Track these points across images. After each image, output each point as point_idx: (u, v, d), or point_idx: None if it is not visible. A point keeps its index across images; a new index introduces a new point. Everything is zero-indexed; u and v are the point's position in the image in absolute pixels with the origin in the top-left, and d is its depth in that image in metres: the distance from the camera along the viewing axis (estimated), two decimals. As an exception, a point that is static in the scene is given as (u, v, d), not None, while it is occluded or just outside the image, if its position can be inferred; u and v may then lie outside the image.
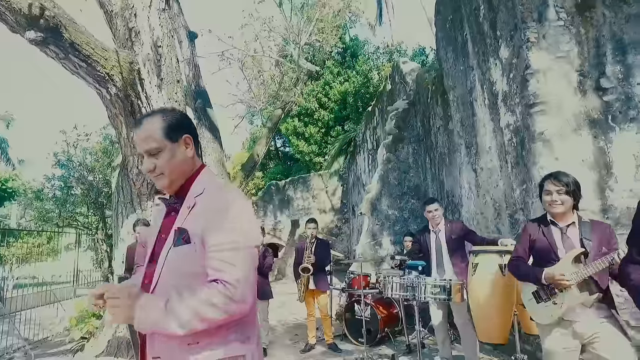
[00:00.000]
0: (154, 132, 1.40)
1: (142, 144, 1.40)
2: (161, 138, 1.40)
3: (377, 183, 7.53)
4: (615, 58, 4.20)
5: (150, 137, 1.39)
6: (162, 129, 1.41)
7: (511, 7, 4.20)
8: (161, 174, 1.40)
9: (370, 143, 11.87)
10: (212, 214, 1.34)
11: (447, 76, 5.87)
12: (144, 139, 1.40)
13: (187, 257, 1.33)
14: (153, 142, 1.39)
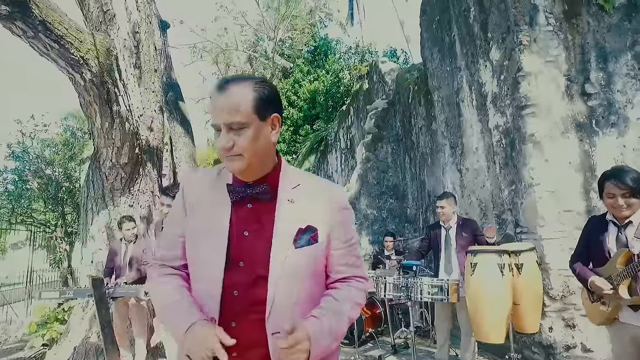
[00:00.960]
0: (242, 102, 1.12)
1: (224, 115, 1.11)
2: (249, 111, 1.12)
3: (356, 182, 7.49)
4: (598, 65, 4.34)
5: (236, 107, 1.11)
6: (252, 100, 1.13)
7: (504, 10, 4.25)
8: (239, 155, 1.12)
9: (344, 142, 11.84)
10: (336, 209, 1.22)
11: (432, 76, 5.90)
12: (227, 109, 1.11)
13: (311, 258, 1.17)
14: (238, 115, 1.11)
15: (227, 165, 1.17)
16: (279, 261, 1.12)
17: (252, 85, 1.14)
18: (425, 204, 6.55)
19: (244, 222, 1.17)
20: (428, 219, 6.41)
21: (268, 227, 1.16)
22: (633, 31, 4.52)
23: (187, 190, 1.27)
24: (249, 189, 1.17)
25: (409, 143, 7.22)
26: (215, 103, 1.13)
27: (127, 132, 4.86)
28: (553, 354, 3.94)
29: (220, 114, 1.11)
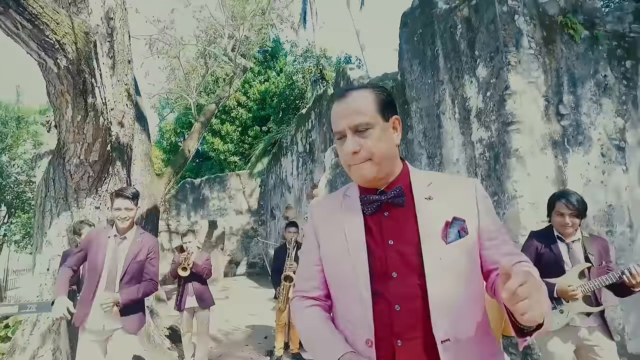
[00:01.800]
0: (365, 105, 1.13)
1: (347, 119, 1.12)
2: (373, 112, 1.13)
3: (325, 188, 7.50)
4: (569, 89, 4.76)
5: (359, 109, 1.12)
6: (374, 102, 1.15)
7: (493, 31, 4.50)
8: (368, 160, 1.11)
9: (301, 146, 11.80)
10: (479, 197, 1.17)
11: (411, 88, 6.08)
12: (352, 112, 1.12)
13: (467, 251, 1.11)
14: (362, 116, 1.11)
15: (355, 175, 1.14)
16: (434, 262, 1.07)
17: (371, 89, 1.17)
18: (396, 211, 6.72)
19: (386, 231, 1.13)
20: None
21: (412, 230, 1.11)
22: (595, 61, 5.01)
23: (316, 218, 1.28)
24: (382, 196, 1.14)
25: (378, 150, 7.37)
26: (337, 110, 1.15)
27: (100, 127, 4.46)
28: (530, 354, 4.21)
29: (345, 119, 1.12)
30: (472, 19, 4.79)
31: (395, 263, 1.09)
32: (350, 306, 1.12)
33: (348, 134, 1.12)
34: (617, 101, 5.08)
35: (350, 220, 1.17)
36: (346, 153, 1.12)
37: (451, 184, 1.20)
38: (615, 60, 5.18)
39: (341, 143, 1.14)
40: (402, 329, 1.06)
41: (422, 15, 5.70)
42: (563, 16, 4.89)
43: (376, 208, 1.15)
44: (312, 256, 1.24)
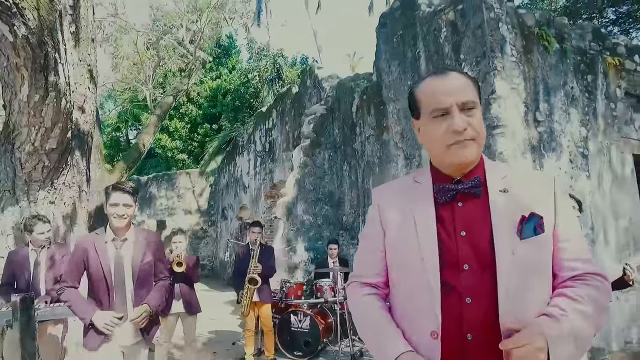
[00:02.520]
0: (468, 85, 1.10)
1: (454, 95, 1.06)
2: (475, 94, 1.10)
3: (293, 187, 7.28)
4: (544, 97, 4.96)
5: (466, 87, 1.09)
6: (474, 85, 1.12)
7: (480, 36, 4.58)
8: (472, 139, 1.06)
9: (260, 144, 11.47)
10: (558, 193, 1.12)
11: (388, 88, 6.06)
12: (458, 89, 1.07)
13: (542, 249, 1.06)
14: (470, 94, 1.08)
15: (456, 154, 1.06)
16: (507, 257, 1.02)
17: (463, 73, 1.16)
18: (367, 212, 6.65)
19: (459, 221, 1.08)
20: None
21: (485, 222, 1.06)
22: (564, 72, 5.28)
23: (383, 203, 1.22)
24: (459, 185, 1.10)
25: (349, 151, 7.29)
26: (440, 86, 1.09)
27: (61, 110, 3.94)
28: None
29: (451, 95, 1.07)
30: (458, 23, 4.84)
31: (467, 255, 1.05)
32: (416, 296, 1.08)
33: (454, 111, 1.06)
34: (582, 112, 5.39)
35: (422, 207, 1.12)
36: (454, 129, 1.04)
37: (528, 178, 1.17)
38: (580, 73, 5.50)
39: (440, 121, 1.08)
40: (473, 322, 1.01)
41: (403, 17, 5.71)
42: (539, 28, 5.10)
43: (451, 197, 1.10)
44: (376, 241, 1.20)
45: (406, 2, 5.68)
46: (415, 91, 1.16)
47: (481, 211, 1.08)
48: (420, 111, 1.14)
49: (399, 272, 1.15)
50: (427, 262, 1.05)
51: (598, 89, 5.71)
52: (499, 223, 1.05)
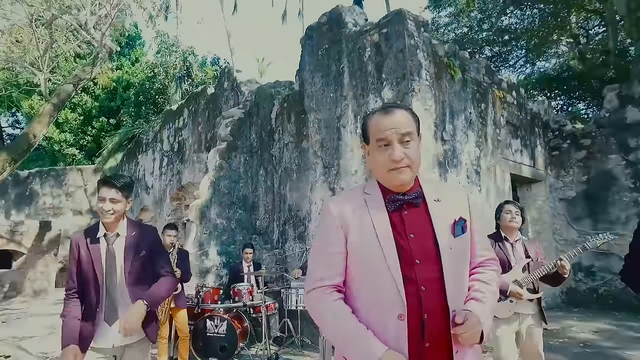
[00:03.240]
0: (408, 120, 1.35)
1: (395, 129, 1.32)
2: (413, 128, 1.36)
3: (208, 190, 7.09)
4: (449, 119, 5.60)
5: (404, 122, 1.34)
6: (413, 120, 1.38)
7: (401, 59, 5.02)
8: (407, 167, 1.32)
9: (168, 144, 10.91)
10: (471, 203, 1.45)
11: (311, 98, 6.27)
12: (398, 123, 1.32)
13: (467, 244, 1.38)
14: (409, 127, 1.34)
15: (394, 178, 1.33)
16: (447, 252, 1.31)
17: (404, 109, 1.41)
18: (284, 217, 6.77)
19: (407, 225, 1.34)
20: (287, 232, 6.65)
21: (427, 225, 1.34)
22: (465, 99, 6.03)
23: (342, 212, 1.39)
24: (405, 196, 1.36)
25: (266, 156, 7.35)
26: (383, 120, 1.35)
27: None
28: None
29: (392, 128, 1.32)
30: (381, 45, 5.25)
31: (417, 252, 1.30)
32: (383, 288, 1.29)
33: (394, 143, 1.31)
34: (477, 134, 6.19)
35: (377, 215, 1.35)
36: (393, 159, 1.30)
37: (450, 190, 1.49)
38: (476, 101, 6.32)
39: (383, 150, 1.33)
40: (428, 305, 1.27)
41: (330, 32, 5.99)
42: (447, 58, 5.76)
43: (398, 206, 1.35)
44: (337, 246, 1.36)
45: (334, 19, 5.97)
46: (367, 121, 1.41)
47: (422, 217, 1.35)
48: (369, 139, 1.38)
49: (365, 270, 1.33)
50: (390, 260, 1.28)
51: (488, 116, 6.61)
52: (438, 225, 1.33)
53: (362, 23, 5.76)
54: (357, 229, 1.34)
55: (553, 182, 8.40)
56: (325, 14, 6.08)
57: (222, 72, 9.27)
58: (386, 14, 5.26)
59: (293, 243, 6.51)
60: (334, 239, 1.37)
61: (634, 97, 7.56)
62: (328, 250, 1.38)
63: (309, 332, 5.82)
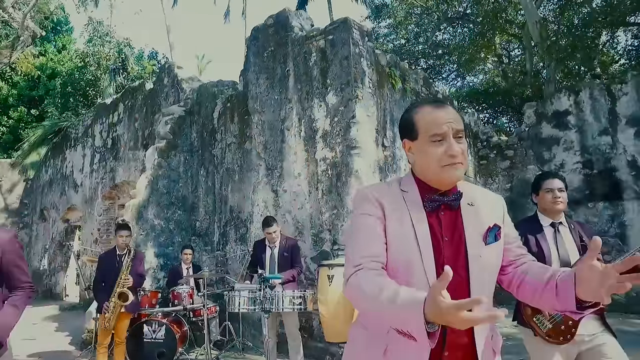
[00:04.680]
0: (459, 117, 1.30)
1: (452, 124, 1.26)
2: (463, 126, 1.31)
3: (145, 189, 6.81)
4: (390, 127, 5.87)
5: (459, 119, 1.29)
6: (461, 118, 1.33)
7: (346, 66, 5.18)
8: (460, 163, 1.26)
9: (100, 139, 10.28)
10: (504, 208, 1.41)
11: (255, 100, 6.25)
12: (454, 119, 1.27)
13: (498, 253, 1.33)
14: (462, 125, 1.29)
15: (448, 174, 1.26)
16: (476, 260, 1.27)
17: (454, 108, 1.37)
18: (225, 219, 6.67)
19: (443, 228, 1.29)
20: (228, 233, 6.56)
21: (460, 230, 1.30)
22: (404, 108, 6.33)
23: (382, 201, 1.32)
24: (444, 197, 1.30)
25: (207, 156, 7.20)
26: (440, 115, 1.27)
27: None
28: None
29: (449, 123, 1.26)
30: (327, 51, 5.38)
31: (448, 256, 1.27)
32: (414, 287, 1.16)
33: (450, 138, 1.25)
34: (414, 142, 6.52)
35: (416, 212, 1.29)
36: (451, 153, 1.24)
37: (485, 195, 1.43)
38: (414, 110, 6.65)
39: (437, 145, 1.26)
40: None
41: (276, 35, 6.02)
42: (389, 68, 6.03)
43: (436, 207, 1.30)
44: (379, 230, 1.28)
45: (280, 22, 6.01)
46: (413, 115, 1.32)
47: (455, 220, 1.30)
48: (419, 134, 1.29)
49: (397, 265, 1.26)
50: (426, 262, 1.23)
51: (425, 125, 6.98)
52: (469, 231, 1.29)
53: (308, 28, 5.87)
54: (396, 223, 1.28)
55: (480, 188, 9.04)
56: (272, 16, 6.11)
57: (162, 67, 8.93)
58: (333, 21, 5.41)
59: (234, 245, 6.44)
60: (374, 224, 1.29)
61: (547, 114, 8.40)
62: (369, 234, 1.28)
63: (250, 334, 5.79)
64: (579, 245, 2.41)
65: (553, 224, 2.46)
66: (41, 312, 8.54)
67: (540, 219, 2.51)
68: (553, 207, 2.41)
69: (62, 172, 11.74)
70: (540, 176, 2.56)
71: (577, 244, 2.41)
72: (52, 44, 17.86)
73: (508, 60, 16.86)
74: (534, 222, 2.52)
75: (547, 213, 2.47)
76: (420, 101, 1.46)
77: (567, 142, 8.17)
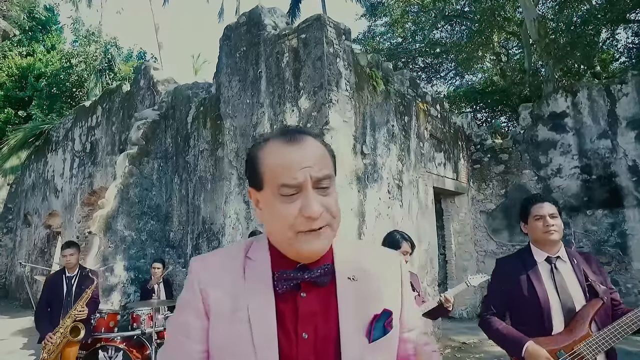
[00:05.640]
0: (323, 152, 0.89)
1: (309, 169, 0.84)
2: (331, 167, 0.90)
3: (115, 198, 6.42)
4: (371, 132, 5.45)
5: (322, 159, 0.87)
6: (329, 155, 0.91)
7: (319, 67, 4.77)
8: (327, 226, 0.85)
9: (79, 143, 9.91)
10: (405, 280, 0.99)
11: (227, 103, 5.85)
12: (315, 160, 0.85)
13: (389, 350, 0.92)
14: (327, 168, 0.87)
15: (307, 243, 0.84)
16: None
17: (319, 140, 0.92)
18: (198, 230, 6.28)
19: (301, 319, 0.87)
20: (200, 245, 6.17)
21: (332, 320, 0.88)
22: (387, 112, 5.92)
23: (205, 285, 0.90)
24: (305, 273, 0.87)
25: (182, 163, 6.81)
26: (291, 155, 0.85)
27: None
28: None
29: (309, 169, 0.84)
30: (300, 51, 4.97)
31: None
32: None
33: (307, 191, 0.83)
34: (399, 148, 6.11)
35: (258, 298, 0.87)
36: (308, 215, 0.82)
37: (375, 260, 0.99)
38: (399, 114, 6.24)
39: (288, 200, 0.84)
40: None
41: (248, 34, 5.61)
42: (370, 69, 5.61)
43: (292, 287, 0.88)
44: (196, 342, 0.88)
45: (253, 20, 5.60)
46: (258, 153, 0.89)
47: (326, 304, 0.89)
48: (264, 182, 0.87)
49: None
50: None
51: (412, 129, 6.57)
52: (346, 322, 0.88)
53: (282, 26, 5.46)
54: (226, 315, 0.87)
55: (475, 194, 8.63)
56: (245, 13, 5.71)
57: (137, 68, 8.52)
58: (306, 19, 4.99)
59: (206, 258, 6.05)
60: (190, 327, 0.89)
61: (544, 116, 7.96)
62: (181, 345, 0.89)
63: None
64: (584, 286, 1.92)
65: (549, 258, 1.99)
66: (15, 325, 8.18)
67: (534, 252, 2.05)
68: (546, 238, 1.96)
69: (44, 177, 11.39)
70: (527, 201, 2.10)
71: (582, 285, 1.92)
72: (42, 43, 17.51)
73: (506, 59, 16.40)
74: (525, 257, 2.07)
75: (540, 245, 2.03)
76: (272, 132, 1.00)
77: (565, 145, 7.74)
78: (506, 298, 2.07)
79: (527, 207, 2.07)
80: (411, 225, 6.15)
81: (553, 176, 7.78)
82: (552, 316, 1.91)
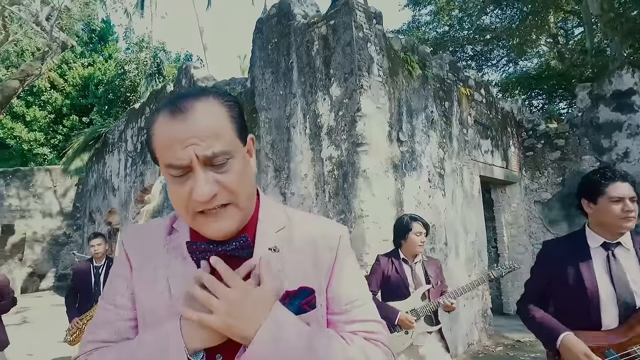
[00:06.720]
0: (219, 123, 0.77)
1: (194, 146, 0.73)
2: (231, 134, 0.78)
3: (160, 193, 6.66)
4: (407, 118, 5.21)
5: (213, 130, 0.75)
6: (230, 118, 0.79)
7: (349, 53, 4.62)
8: (229, 204, 0.77)
9: (131, 144, 10.42)
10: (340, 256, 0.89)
11: (261, 96, 5.86)
12: (202, 133, 0.74)
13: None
14: (219, 141, 0.75)
15: (209, 228, 0.78)
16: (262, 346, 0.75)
17: (219, 97, 0.80)
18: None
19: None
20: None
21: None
22: (425, 97, 5.64)
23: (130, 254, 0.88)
24: (220, 246, 0.79)
25: (223, 158, 6.92)
26: (175, 130, 0.74)
27: None
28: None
29: (188, 145, 0.73)
30: (329, 38, 4.84)
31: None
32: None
33: (197, 169, 0.74)
34: (440, 135, 5.81)
35: (178, 267, 0.83)
36: (198, 197, 0.74)
37: (309, 229, 0.89)
38: (439, 99, 5.93)
39: (179, 181, 0.76)
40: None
41: (279, 25, 5.57)
42: (404, 53, 5.37)
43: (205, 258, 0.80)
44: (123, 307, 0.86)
45: (283, 11, 5.55)
46: (150, 128, 0.80)
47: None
48: (158, 160, 0.79)
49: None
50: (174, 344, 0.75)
51: (453, 115, 6.23)
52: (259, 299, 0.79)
53: (311, 14, 5.36)
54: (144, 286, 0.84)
55: (528, 183, 8.07)
56: (275, 5, 5.67)
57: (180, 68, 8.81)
58: (334, 3, 4.86)
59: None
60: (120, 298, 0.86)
61: (605, 96, 7.25)
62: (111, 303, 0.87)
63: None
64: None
65: (606, 244, 1.72)
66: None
67: (588, 236, 1.77)
68: (622, 225, 1.66)
69: (103, 177, 12.13)
70: (600, 176, 1.74)
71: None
72: (100, 54, 18.68)
73: (565, 40, 15.23)
74: (577, 240, 1.80)
75: (603, 230, 1.73)
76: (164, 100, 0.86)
77: (632, 126, 7.01)
78: (549, 284, 1.86)
79: (599, 185, 1.72)
80: (455, 216, 5.84)
81: (619, 161, 7.07)
82: (602, 310, 1.67)
